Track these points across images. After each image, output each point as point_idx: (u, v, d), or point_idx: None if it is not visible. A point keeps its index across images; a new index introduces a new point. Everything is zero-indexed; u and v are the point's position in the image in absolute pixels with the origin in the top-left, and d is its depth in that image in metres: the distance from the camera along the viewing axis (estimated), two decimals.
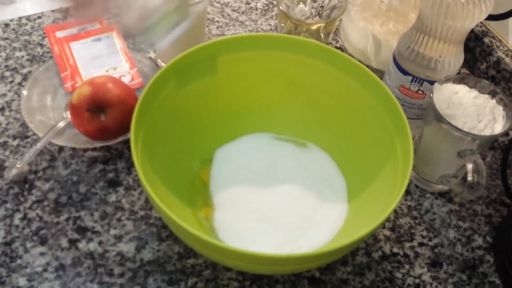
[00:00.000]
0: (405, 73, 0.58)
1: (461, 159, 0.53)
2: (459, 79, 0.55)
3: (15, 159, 0.58)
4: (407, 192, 0.60)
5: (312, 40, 0.56)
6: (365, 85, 0.54)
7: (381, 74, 0.64)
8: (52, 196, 0.55)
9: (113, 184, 0.57)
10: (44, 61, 0.68)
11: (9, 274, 0.49)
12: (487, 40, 0.70)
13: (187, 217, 0.51)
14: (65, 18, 0.72)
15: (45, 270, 0.50)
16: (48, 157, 0.58)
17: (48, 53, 0.69)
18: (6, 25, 0.72)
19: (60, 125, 0.58)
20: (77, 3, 0.43)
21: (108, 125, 0.55)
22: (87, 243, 0.52)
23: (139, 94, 0.53)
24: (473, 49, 0.72)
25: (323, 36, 0.67)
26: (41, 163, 0.58)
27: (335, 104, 0.57)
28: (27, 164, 0.56)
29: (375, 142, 0.53)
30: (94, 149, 0.59)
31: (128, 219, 0.54)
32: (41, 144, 0.56)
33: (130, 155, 0.59)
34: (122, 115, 0.55)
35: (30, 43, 0.70)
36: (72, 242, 0.52)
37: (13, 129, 0.60)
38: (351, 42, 0.71)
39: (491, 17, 0.66)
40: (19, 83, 0.65)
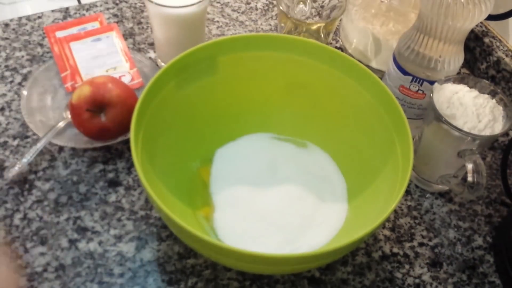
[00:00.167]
0: (405, 73, 0.58)
1: (461, 159, 0.53)
2: (459, 79, 0.55)
3: (15, 159, 0.58)
4: (407, 192, 0.60)
5: (312, 40, 0.56)
6: (365, 85, 0.54)
7: (381, 74, 0.64)
8: (52, 196, 0.55)
9: (113, 184, 0.57)
10: (44, 61, 0.68)
11: None
12: (487, 40, 0.70)
13: (187, 217, 0.51)
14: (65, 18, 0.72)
15: (45, 270, 0.50)
16: (48, 157, 0.58)
17: (48, 53, 0.69)
18: (6, 25, 0.72)
19: (60, 125, 0.58)
20: None
21: (108, 125, 0.55)
22: (87, 243, 0.52)
23: (139, 94, 0.53)
24: (473, 49, 0.72)
25: (323, 36, 0.67)
26: (41, 163, 0.58)
27: (335, 104, 0.57)
28: (27, 164, 0.56)
29: (375, 142, 0.53)
30: (94, 149, 0.59)
31: (128, 219, 0.54)
32: (41, 144, 0.56)
33: (130, 155, 0.59)
34: (122, 115, 0.55)
35: (30, 43, 0.70)
36: (72, 242, 0.52)
37: (13, 129, 0.60)
38: (351, 42, 0.71)
39: (491, 17, 0.66)
40: (19, 83, 0.65)
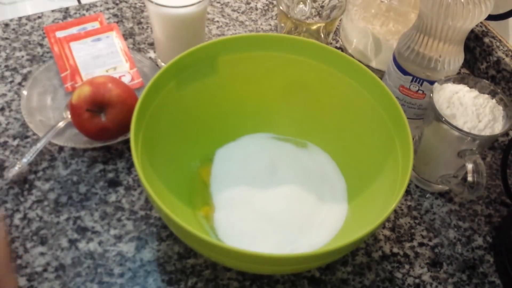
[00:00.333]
0: (405, 73, 0.58)
1: (461, 159, 0.53)
2: (459, 79, 0.55)
3: (15, 159, 0.58)
4: (407, 192, 0.60)
5: (312, 40, 0.56)
6: (365, 85, 0.54)
7: (381, 74, 0.64)
8: (52, 196, 0.55)
9: (113, 184, 0.57)
10: (44, 61, 0.68)
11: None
12: (487, 40, 0.70)
13: (187, 217, 0.51)
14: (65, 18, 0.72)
15: (45, 270, 0.50)
16: (48, 157, 0.58)
17: (48, 53, 0.69)
18: (6, 25, 0.72)
19: (60, 125, 0.58)
20: None
21: (108, 125, 0.55)
22: (87, 243, 0.52)
23: (139, 94, 0.53)
24: (473, 49, 0.72)
25: (323, 36, 0.67)
26: (41, 163, 0.58)
27: (335, 104, 0.57)
28: (27, 164, 0.56)
29: (375, 142, 0.53)
30: (94, 149, 0.59)
31: (128, 219, 0.54)
32: (41, 144, 0.56)
33: (130, 155, 0.59)
34: (122, 115, 0.55)
35: (30, 43, 0.70)
36: (72, 242, 0.52)
37: (13, 129, 0.60)
38: (351, 42, 0.71)
39: (491, 17, 0.66)
40: (19, 83, 0.65)
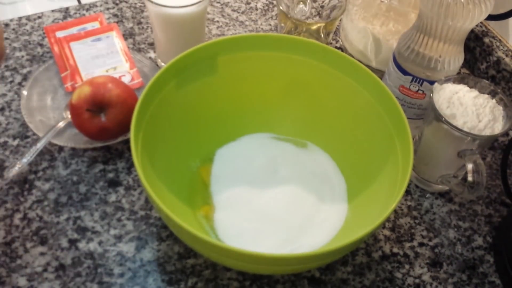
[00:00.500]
0: (405, 73, 0.58)
1: (461, 159, 0.53)
2: (459, 79, 0.55)
3: (15, 159, 0.58)
4: (407, 192, 0.60)
5: (312, 40, 0.56)
6: (365, 85, 0.54)
7: (381, 74, 0.64)
8: (52, 196, 0.55)
9: (113, 184, 0.57)
10: (44, 61, 0.68)
11: (9, 274, 0.49)
12: (487, 40, 0.70)
13: (187, 217, 0.51)
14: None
15: (45, 270, 0.50)
16: (48, 157, 0.58)
17: (48, 53, 0.69)
18: (6, 25, 0.72)
19: (60, 125, 0.58)
20: None
21: (108, 125, 0.55)
22: (87, 243, 0.52)
23: (139, 94, 0.53)
24: (473, 49, 0.72)
25: (323, 36, 0.67)
26: (41, 163, 0.58)
27: (335, 104, 0.57)
28: (27, 164, 0.56)
29: (375, 142, 0.53)
30: (94, 149, 0.59)
31: (128, 219, 0.54)
32: (41, 144, 0.56)
33: (130, 155, 0.59)
34: (122, 115, 0.55)
35: (30, 43, 0.70)
36: (72, 242, 0.52)
37: (13, 129, 0.60)
38: (351, 42, 0.71)
39: (491, 17, 0.66)
40: (19, 83, 0.65)
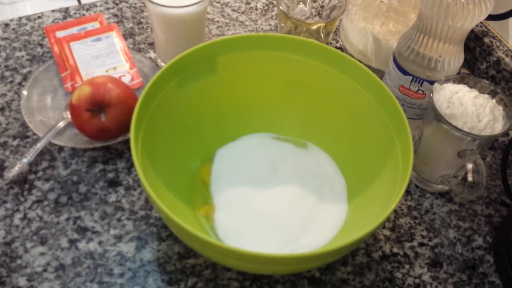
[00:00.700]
0: (405, 73, 0.58)
1: (461, 159, 0.53)
2: (459, 79, 0.55)
3: (15, 159, 0.58)
4: (407, 192, 0.60)
5: (312, 40, 0.56)
6: (365, 85, 0.54)
7: (381, 74, 0.64)
8: (52, 196, 0.55)
9: (113, 184, 0.57)
10: (44, 61, 0.68)
11: (9, 274, 0.49)
12: (487, 40, 0.70)
13: (187, 217, 0.51)
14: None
15: (45, 270, 0.50)
16: (48, 157, 0.58)
17: (48, 53, 0.69)
18: (6, 25, 0.72)
19: (60, 125, 0.58)
20: None
21: (108, 125, 0.55)
22: (87, 243, 0.52)
23: (139, 94, 0.53)
24: (473, 49, 0.72)
25: (323, 36, 0.67)
26: (41, 163, 0.58)
27: (335, 104, 0.57)
28: (27, 164, 0.56)
29: (375, 142, 0.53)
30: (94, 149, 0.59)
31: (128, 219, 0.54)
32: (41, 144, 0.56)
33: (130, 155, 0.59)
34: (122, 115, 0.55)
35: (30, 43, 0.70)
36: (72, 242, 0.52)
37: (13, 129, 0.60)
38: (351, 42, 0.71)
39: (491, 17, 0.66)
40: (19, 83, 0.65)
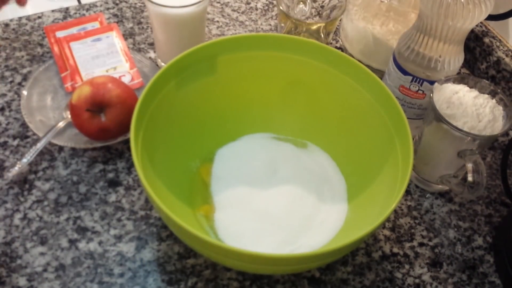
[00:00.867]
0: (405, 73, 0.58)
1: (461, 159, 0.53)
2: (459, 79, 0.55)
3: (15, 159, 0.58)
4: (407, 192, 0.60)
5: (312, 40, 0.56)
6: (365, 85, 0.54)
7: (381, 74, 0.64)
8: (52, 196, 0.55)
9: (113, 184, 0.57)
10: (44, 61, 0.68)
11: (9, 274, 0.49)
12: (487, 40, 0.70)
13: (187, 217, 0.51)
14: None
15: (45, 270, 0.50)
16: (48, 157, 0.58)
17: (48, 53, 0.69)
18: (6, 25, 0.72)
19: (60, 125, 0.58)
20: None
21: (108, 125, 0.55)
22: (87, 243, 0.52)
23: (139, 94, 0.53)
24: (473, 49, 0.72)
25: (323, 36, 0.67)
26: (41, 163, 0.58)
27: (335, 104, 0.57)
28: (27, 164, 0.56)
29: (375, 142, 0.53)
30: (94, 149, 0.59)
31: (128, 219, 0.54)
32: (41, 144, 0.56)
33: (130, 155, 0.59)
34: (122, 115, 0.55)
35: (30, 43, 0.70)
36: (72, 242, 0.52)
37: (13, 129, 0.60)
38: (351, 42, 0.71)
39: (491, 17, 0.66)
40: (19, 83, 0.65)
